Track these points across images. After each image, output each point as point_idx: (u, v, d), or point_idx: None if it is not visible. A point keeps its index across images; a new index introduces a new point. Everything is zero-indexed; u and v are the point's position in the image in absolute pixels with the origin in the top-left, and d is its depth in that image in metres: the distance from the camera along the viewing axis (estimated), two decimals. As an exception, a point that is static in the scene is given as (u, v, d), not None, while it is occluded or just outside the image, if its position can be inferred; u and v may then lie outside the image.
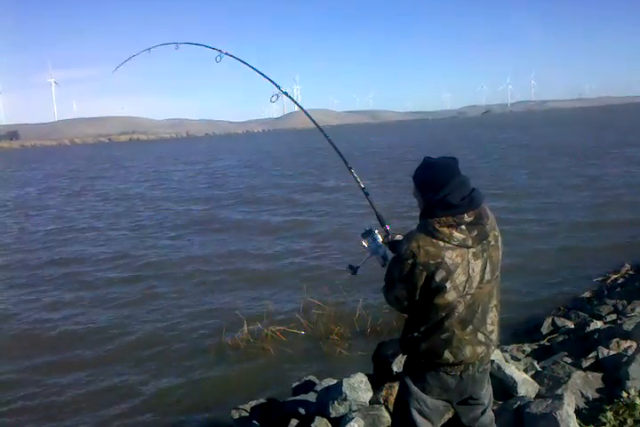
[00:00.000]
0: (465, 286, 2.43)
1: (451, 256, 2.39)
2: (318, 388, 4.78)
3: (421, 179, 2.58)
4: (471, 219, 2.43)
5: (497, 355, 4.62)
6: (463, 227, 2.42)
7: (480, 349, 2.55)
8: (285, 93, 4.20)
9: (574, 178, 19.43)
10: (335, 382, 4.58)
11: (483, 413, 2.79)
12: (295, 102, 4.33)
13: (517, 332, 6.69)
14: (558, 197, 15.79)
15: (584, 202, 14.95)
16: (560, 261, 9.68)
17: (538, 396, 4.00)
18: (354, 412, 3.93)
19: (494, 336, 2.61)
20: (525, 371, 4.44)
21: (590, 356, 4.64)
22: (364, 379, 4.30)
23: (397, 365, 4.48)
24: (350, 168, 3.50)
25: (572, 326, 6.03)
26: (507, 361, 4.56)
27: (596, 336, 5.20)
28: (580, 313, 6.46)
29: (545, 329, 6.19)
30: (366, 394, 4.21)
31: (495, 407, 3.83)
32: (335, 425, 3.92)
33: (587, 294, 7.70)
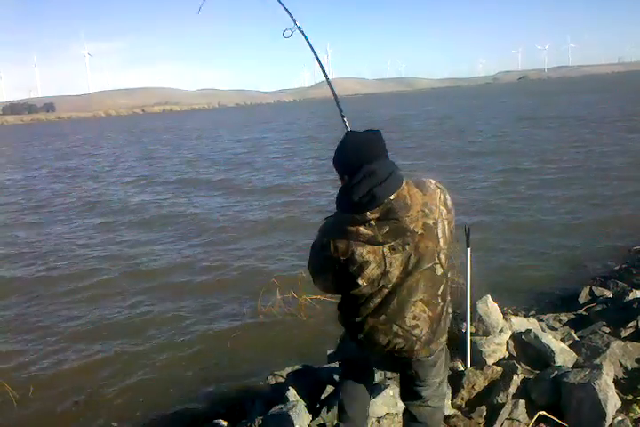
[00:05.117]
0: (380, 280, 2.31)
1: (361, 253, 2.25)
2: (352, 355, 4.80)
3: (334, 161, 2.36)
4: (376, 215, 2.21)
5: (533, 324, 4.59)
6: (372, 222, 2.22)
7: (397, 341, 2.42)
8: (299, 28, 3.79)
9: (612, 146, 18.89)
10: (370, 350, 4.59)
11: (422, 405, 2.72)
12: (308, 42, 3.81)
13: (553, 301, 6.62)
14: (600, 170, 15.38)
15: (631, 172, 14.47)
16: (597, 231, 9.49)
17: (575, 366, 3.95)
18: (388, 379, 3.95)
19: (419, 332, 2.41)
20: (563, 340, 4.39)
21: (630, 325, 4.55)
22: (399, 347, 4.30)
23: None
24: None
25: (611, 296, 5.91)
26: (543, 330, 4.51)
27: (635, 306, 5.08)
28: (619, 282, 6.32)
29: (582, 299, 6.09)
30: (401, 362, 4.22)
31: (532, 376, 3.82)
32: (369, 392, 3.94)
33: (625, 264, 7.54)
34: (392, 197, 2.20)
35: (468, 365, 4.06)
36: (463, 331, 4.15)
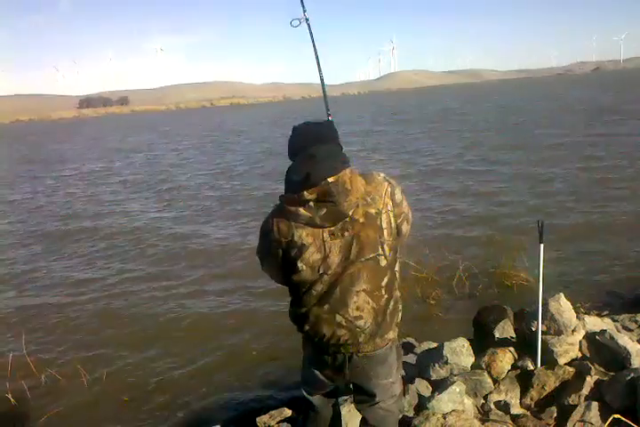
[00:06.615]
0: (320, 266, 2.32)
1: (300, 235, 2.30)
2: (417, 350, 4.77)
3: (288, 146, 2.45)
4: (314, 196, 2.24)
5: (608, 324, 4.42)
6: (311, 204, 2.26)
7: (341, 332, 2.39)
8: (307, 20, 4.04)
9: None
10: (435, 345, 4.55)
11: (373, 406, 2.69)
12: (311, 35, 4.08)
13: (627, 301, 6.37)
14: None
15: None
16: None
17: (653, 368, 3.78)
18: (455, 376, 3.90)
19: (363, 324, 2.38)
20: (639, 342, 4.21)
21: None
22: (466, 343, 4.24)
23: (499, 331, 4.39)
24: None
25: (691, 296, 5.63)
26: (618, 331, 4.34)
27: None
28: (700, 282, 6.01)
29: (660, 299, 5.82)
30: (468, 359, 4.16)
31: (606, 378, 3.68)
32: (435, 388, 3.91)
33: None
34: (330, 180, 2.24)
35: (539, 364, 3.95)
36: (534, 329, 4.04)
